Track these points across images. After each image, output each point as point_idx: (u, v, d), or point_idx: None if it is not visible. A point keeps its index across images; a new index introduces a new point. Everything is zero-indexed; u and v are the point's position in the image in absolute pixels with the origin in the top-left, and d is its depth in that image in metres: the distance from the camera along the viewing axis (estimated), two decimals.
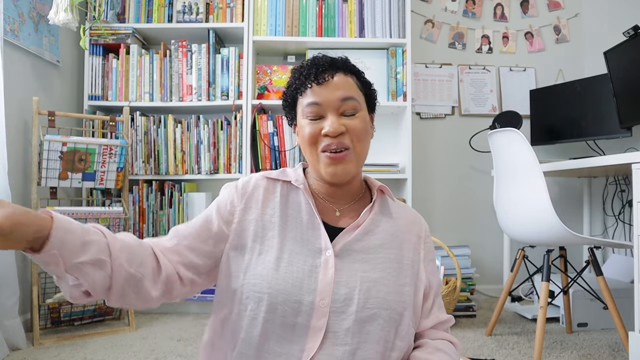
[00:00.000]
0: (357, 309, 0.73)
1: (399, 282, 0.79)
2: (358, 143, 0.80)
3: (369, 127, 0.83)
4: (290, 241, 0.79)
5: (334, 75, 0.80)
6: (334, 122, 0.78)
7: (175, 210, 2.42)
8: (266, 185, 0.85)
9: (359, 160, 0.81)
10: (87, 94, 2.42)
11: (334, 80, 0.79)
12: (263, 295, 0.74)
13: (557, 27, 2.92)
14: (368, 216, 0.83)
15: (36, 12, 2.14)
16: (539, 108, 2.64)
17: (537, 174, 1.74)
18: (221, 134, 2.45)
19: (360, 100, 0.82)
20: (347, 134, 0.78)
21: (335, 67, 0.81)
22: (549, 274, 1.76)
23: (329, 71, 0.80)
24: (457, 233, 2.83)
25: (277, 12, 2.48)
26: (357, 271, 0.77)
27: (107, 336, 1.99)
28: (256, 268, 0.77)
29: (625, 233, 2.50)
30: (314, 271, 0.76)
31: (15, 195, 1.93)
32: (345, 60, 0.84)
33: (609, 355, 1.77)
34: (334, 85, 0.79)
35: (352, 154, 0.79)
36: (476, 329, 2.12)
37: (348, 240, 0.80)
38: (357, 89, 0.82)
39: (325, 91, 0.79)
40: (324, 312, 0.73)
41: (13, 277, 1.81)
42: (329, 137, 0.78)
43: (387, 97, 2.52)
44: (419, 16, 2.88)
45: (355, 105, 0.80)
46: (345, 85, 0.80)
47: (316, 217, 0.81)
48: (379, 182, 0.90)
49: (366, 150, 0.83)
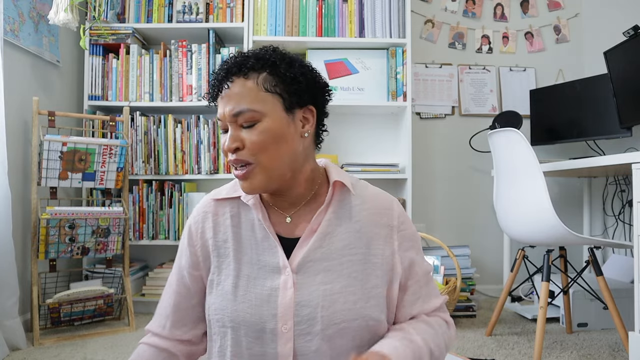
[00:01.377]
0: (322, 327, 0.70)
1: (368, 285, 0.74)
2: (262, 155, 0.71)
3: (280, 133, 0.72)
4: (246, 265, 0.75)
5: (231, 83, 0.72)
6: (229, 137, 0.72)
7: (175, 210, 2.42)
8: (214, 209, 0.80)
9: (268, 171, 0.72)
10: (87, 94, 2.42)
11: (230, 89, 0.72)
12: (226, 329, 0.74)
13: (557, 27, 2.92)
14: (323, 217, 0.76)
15: (36, 12, 2.14)
16: (539, 108, 2.64)
17: (537, 174, 1.74)
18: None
19: (262, 105, 0.71)
20: (245, 148, 0.71)
21: (232, 73, 0.73)
22: (549, 274, 1.76)
23: (225, 80, 0.73)
24: (457, 233, 2.83)
25: (277, 12, 2.48)
26: (319, 285, 0.72)
27: (107, 336, 1.99)
28: (216, 300, 0.75)
29: (625, 233, 2.50)
30: (272, 295, 0.72)
31: (15, 195, 1.93)
32: (246, 61, 0.73)
33: (609, 355, 1.77)
34: (227, 98, 0.72)
35: (256, 168, 0.71)
36: (476, 329, 2.12)
37: (305, 251, 0.74)
38: (257, 93, 0.71)
39: (221, 104, 0.74)
40: (289, 337, 0.70)
41: (13, 277, 1.81)
42: (229, 152, 0.73)
43: (387, 97, 2.52)
44: (419, 16, 2.88)
45: (249, 116, 0.71)
46: (239, 95, 0.71)
47: (269, 234, 0.76)
48: (339, 174, 0.80)
49: (279, 158, 0.72)
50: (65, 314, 2.01)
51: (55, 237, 1.93)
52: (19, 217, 2.00)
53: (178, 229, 2.41)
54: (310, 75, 0.77)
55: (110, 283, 2.24)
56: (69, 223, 1.95)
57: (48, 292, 2.05)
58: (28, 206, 2.04)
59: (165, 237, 2.41)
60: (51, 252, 1.94)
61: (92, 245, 2.04)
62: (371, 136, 2.72)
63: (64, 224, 1.94)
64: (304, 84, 0.75)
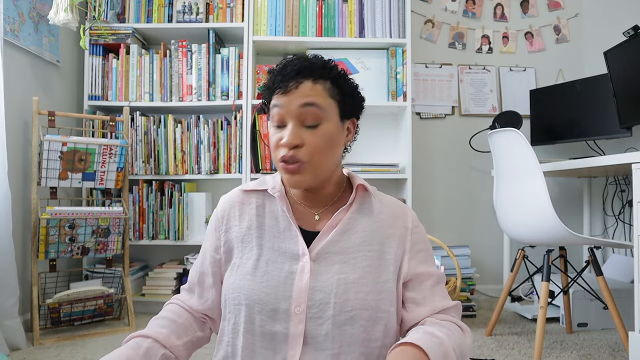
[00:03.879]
0: (334, 312, 0.73)
1: (380, 279, 0.78)
2: (317, 157, 0.77)
3: (334, 140, 0.79)
4: (268, 250, 0.80)
5: (300, 84, 0.77)
6: (291, 133, 0.76)
7: (175, 210, 2.42)
8: (241, 199, 0.86)
9: (317, 171, 0.78)
10: (87, 94, 2.42)
11: (298, 89, 0.76)
12: (241, 306, 0.77)
13: (557, 27, 2.92)
14: (345, 215, 0.82)
15: (36, 12, 2.14)
16: (539, 108, 2.64)
17: (537, 174, 1.74)
18: (221, 134, 2.45)
19: (328, 108, 0.77)
20: (304, 147, 0.76)
21: (302, 75, 0.77)
22: (549, 274, 1.76)
23: (295, 79, 0.77)
24: (457, 233, 2.83)
25: (277, 12, 2.48)
26: (334, 274, 0.76)
27: (107, 336, 1.99)
28: (235, 280, 0.79)
29: (625, 233, 2.50)
30: (289, 278, 0.76)
31: (15, 195, 1.93)
32: (314, 66, 0.79)
33: (609, 355, 1.77)
34: (297, 93, 0.76)
35: (307, 166, 0.76)
36: (476, 329, 2.12)
37: (324, 243, 0.79)
38: (325, 97, 0.78)
39: (287, 98, 0.77)
40: (301, 319, 0.73)
41: (13, 277, 1.81)
42: (285, 148, 0.76)
43: (387, 97, 2.52)
44: (419, 16, 2.88)
45: (316, 113, 0.76)
46: (310, 92, 0.76)
47: (292, 224, 0.81)
48: (360, 179, 0.87)
49: (329, 160, 0.79)
50: (65, 314, 2.01)
51: (55, 237, 1.93)
52: (19, 217, 2.00)
53: (178, 229, 2.41)
54: (358, 91, 0.86)
55: (110, 283, 2.24)
56: (69, 223, 1.95)
57: (48, 292, 2.05)
58: (28, 206, 2.04)
59: (165, 237, 2.41)
60: (51, 252, 1.94)
61: (92, 245, 2.04)
62: (371, 136, 2.72)
63: (64, 224, 1.94)
64: (358, 99, 0.85)
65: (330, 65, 0.81)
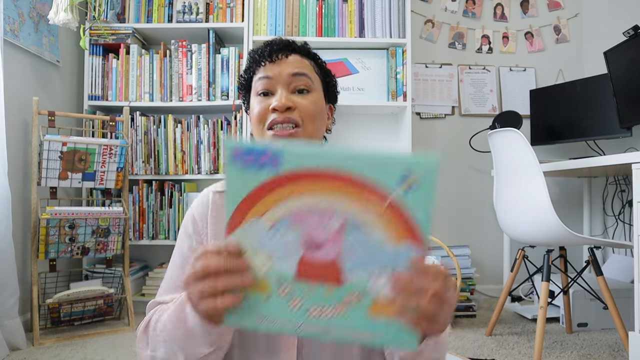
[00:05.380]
0: None
1: None
2: (309, 123, 0.74)
3: (322, 112, 0.77)
4: None
5: (289, 55, 0.77)
6: (282, 96, 0.73)
7: (175, 210, 2.42)
8: (218, 199, 0.79)
9: (310, 139, 0.75)
10: (87, 94, 2.42)
11: (288, 59, 0.76)
12: None
13: (557, 27, 2.92)
14: None
15: (36, 12, 2.14)
16: (539, 108, 2.64)
17: (537, 174, 1.74)
18: (221, 134, 2.45)
19: (315, 82, 0.77)
20: (296, 110, 0.73)
21: (291, 48, 0.78)
22: (549, 274, 1.76)
23: (284, 51, 0.77)
24: (457, 233, 2.83)
25: (277, 12, 2.48)
26: None
27: (107, 336, 1.99)
28: None
29: (625, 233, 2.50)
30: None
31: (15, 195, 1.93)
32: (303, 44, 0.81)
33: (609, 355, 1.77)
34: (288, 63, 0.76)
35: (301, 133, 0.73)
36: (476, 329, 2.12)
37: None
38: (312, 71, 0.78)
39: (277, 67, 0.75)
40: None
41: (13, 277, 1.81)
42: (277, 112, 0.72)
43: (387, 97, 2.52)
44: (419, 16, 2.88)
45: (307, 82, 0.75)
46: (300, 64, 0.77)
47: None
48: None
49: (320, 131, 0.77)
50: (65, 314, 2.01)
51: (55, 237, 1.93)
52: (19, 217, 2.00)
53: (178, 229, 2.41)
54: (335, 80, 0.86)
55: (110, 283, 2.24)
56: (69, 223, 1.95)
57: (48, 292, 2.05)
58: (28, 206, 2.04)
59: (165, 237, 2.41)
60: (51, 252, 1.94)
61: (92, 245, 2.04)
62: (371, 136, 2.72)
63: (64, 224, 1.94)
64: (335, 84, 0.84)
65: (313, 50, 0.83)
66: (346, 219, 0.48)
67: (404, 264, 0.48)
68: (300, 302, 0.49)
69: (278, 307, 0.49)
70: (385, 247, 0.48)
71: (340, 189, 0.47)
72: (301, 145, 0.47)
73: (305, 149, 0.47)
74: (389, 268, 0.48)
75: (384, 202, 0.47)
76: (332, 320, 0.49)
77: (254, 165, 0.47)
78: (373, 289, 0.48)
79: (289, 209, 0.48)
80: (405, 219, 0.47)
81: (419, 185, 0.46)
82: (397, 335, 0.49)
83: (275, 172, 0.47)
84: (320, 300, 0.49)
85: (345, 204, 0.47)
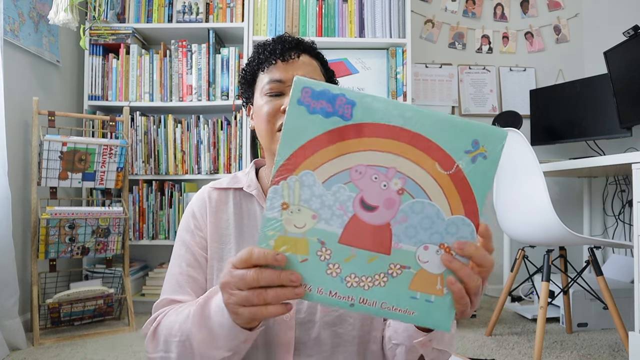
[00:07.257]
0: (321, 315, 0.72)
1: None
2: None
3: None
4: None
5: (300, 55, 0.78)
6: None
7: (175, 210, 2.42)
8: (217, 197, 0.79)
9: None
10: (87, 94, 2.41)
11: (299, 59, 0.77)
12: None
13: (557, 27, 2.92)
14: None
15: (36, 12, 2.14)
16: (539, 108, 2.64)
17: (537, 174, 1.74)
18: (221, 134, 2.45)
19: None
20: None
21: (302, 48, 0.79)
22: (549, 274, 1.76)
23: (295, 50, 0.77)
24: None
25: (277, 12, 2.48)
26: None
27: (107, 336, 1.99)
28: None
29: (625, 233, 2.50)
30: None
31: (15, 195, 1.93)
32: (312, 44, 0.82)
33: (609, 355, 1.77)
34: (299, 65, 0.76)
35: None
36: (476, 329, 2.12)
37: None
38: (320, 74, 0.80)
39: (290, 68, 0.75)
40: (290, 326, 0.71)
41: (13, 277, 1.81)
42: None
43: (387, 97, 2.52)
44: (419, 16, 2.88)
45: None
46: (310, 67, 0.78)
47: None
48: None
49: None
50: (65, 314, 2.01)
51: (55, 237, 1.93)
52: (19, 217, 2.00)
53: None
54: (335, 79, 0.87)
55: (110, 283, 2.24)
56: (69, 223, 1.95)
57: (48, 292, 2.05)
58: (28, 206, 2.04)
59: (165, 237, 2.41)
60: (51, 252, 1.94)
61: (92, 245, 2.04)
62: None
63: (64, 224, 1.94)
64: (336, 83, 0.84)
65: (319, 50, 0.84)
66: (406, 182, 0.45)
67: (455, 237, 0.46)
68: (340, 267, 0.46)
69: (314, 271, 0.46)
70: (439, 218, 0.46)
71: (407, 149, 0.45)
72: (375, 98, 0.45)
73: (380, 103, 0.44)
74: (439, 241, 0.46)
75: (450, 167, 0.45)
76: (369, 292, 0.46)
77: (321, 111, 0.45)
78: (419, 261, 0.46)
79: (348, 163, 0.45)
80: (466, 188, 0.46)
81: (486, 156, 0.45)
82: (433, 314, 0.47)
83: (344, 122, 0.45)
84: (360, 268, 0.46)
85: (409, 165, 0.45)
